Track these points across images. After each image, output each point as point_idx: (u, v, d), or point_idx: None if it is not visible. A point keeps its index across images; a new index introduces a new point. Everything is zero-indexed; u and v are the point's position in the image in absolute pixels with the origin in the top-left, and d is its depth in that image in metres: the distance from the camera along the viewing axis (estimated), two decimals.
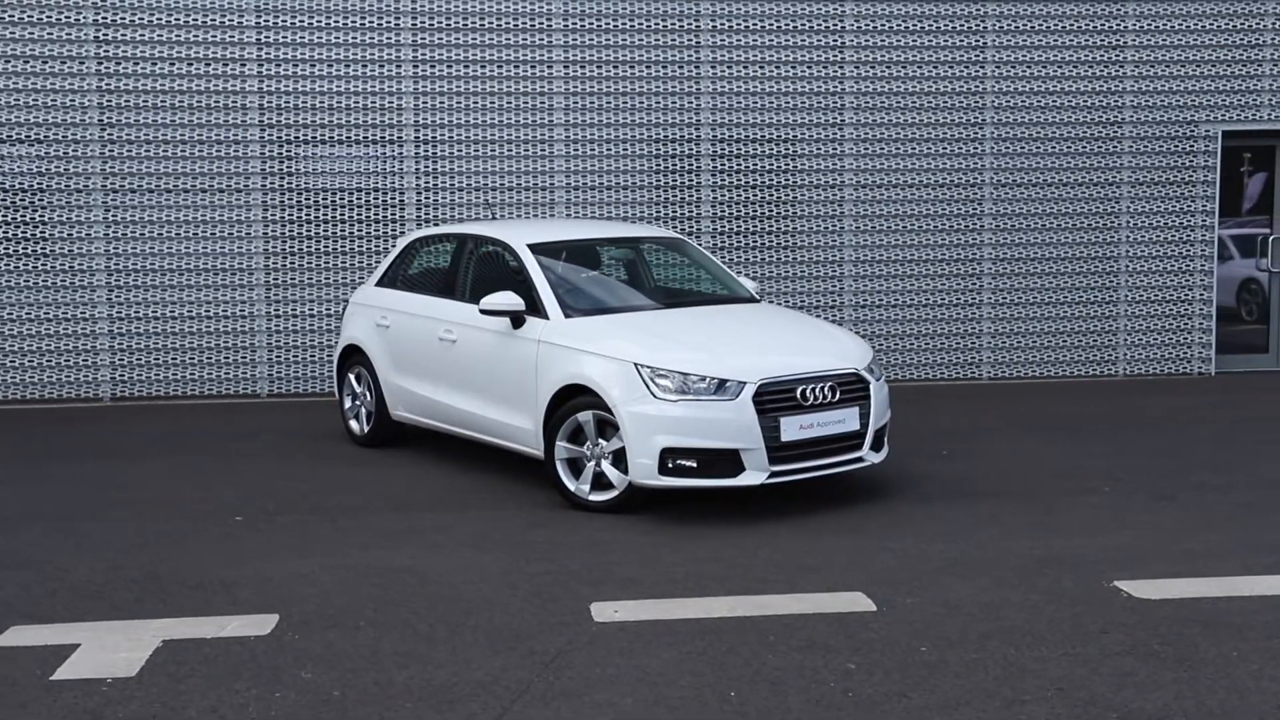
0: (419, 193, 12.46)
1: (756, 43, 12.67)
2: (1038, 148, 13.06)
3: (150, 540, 7.39)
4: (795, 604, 6.19)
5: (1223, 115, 13.17)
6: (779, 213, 12.87)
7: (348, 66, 12.27)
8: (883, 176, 12.93)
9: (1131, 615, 5.98)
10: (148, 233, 12.19)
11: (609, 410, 7.78)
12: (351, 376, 10.11)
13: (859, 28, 12.73)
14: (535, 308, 8.48)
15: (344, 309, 10.53)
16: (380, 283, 10.05)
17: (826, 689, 5.15)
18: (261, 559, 7.00)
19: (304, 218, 12.35)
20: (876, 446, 8.21)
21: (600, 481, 7.96)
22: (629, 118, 12.61)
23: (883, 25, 12.75)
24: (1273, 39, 13.13)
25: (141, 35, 12.01)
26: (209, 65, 12.10)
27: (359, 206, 12.41)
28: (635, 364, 7.72)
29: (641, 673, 5.33)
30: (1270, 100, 13.18)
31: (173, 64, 12.06)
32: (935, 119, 12.91)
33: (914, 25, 12.79)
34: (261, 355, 12.41)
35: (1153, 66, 13.06)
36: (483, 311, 8.49)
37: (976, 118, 12.94)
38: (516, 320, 8.47)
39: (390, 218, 12.45)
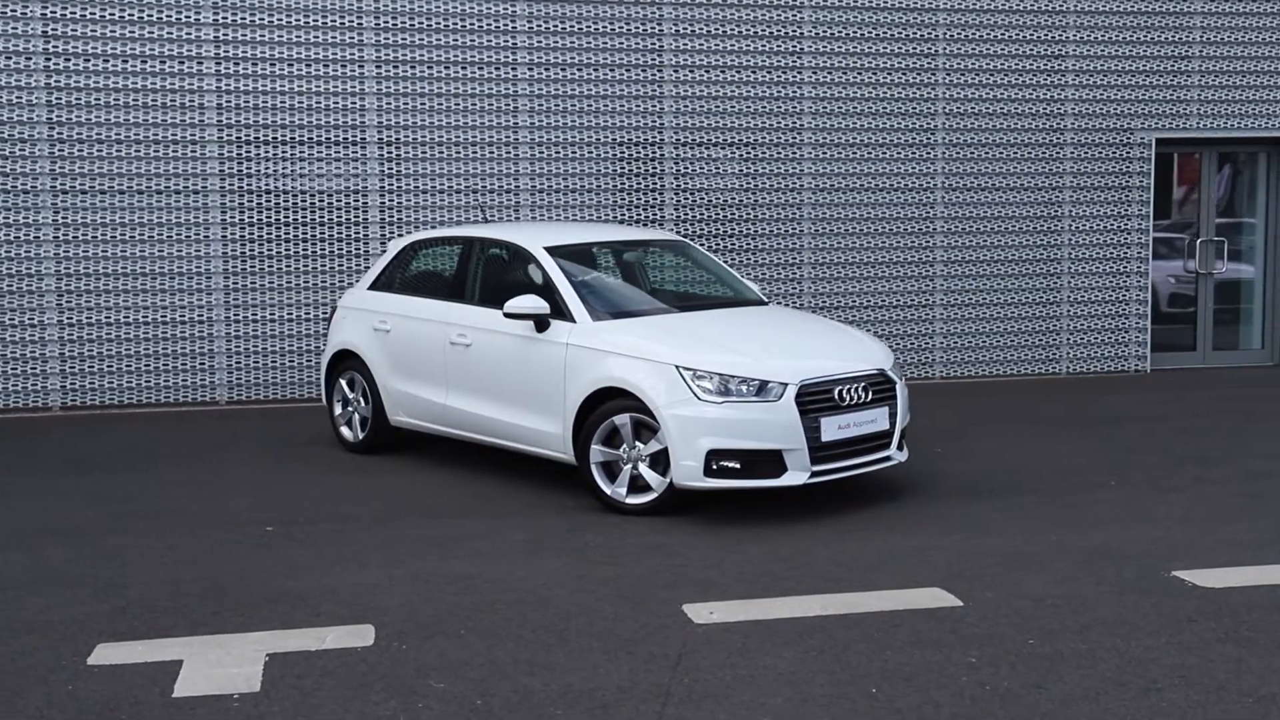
0: (382, 195, 12.25)
1: (718, 47, 12.77)
2: (986, 154, 13.42)
3: (191, 554, 7.15)
4: (882, 601, 6.29)
5: (1155, 124, 13.72)
6: (740, 215, 12.99)
7: (308, 66, 12.00)
8: (839, 180, 13.14)
9: (1208, 604, 6.21)
10: (100, 235, 11.75)
11: (647, 413, 7.78)
12: (343, 382, 9.88)
13: (816, 34, 12.93)
14: (559, 311, 8.42)
15: (331, 313, 10.28)
16: (374, 286, 9.84)
17: (961, 683, 5.25)
18: (320, 570, 6.83)
19: (264, 220, 12.04)
20: (899, 446, 8.37)
21: (636, 484, 7.95)
22: (593, 120, 12.60)
23: (839, 32, 12.96)
24: (1200, 50, 13.71)
25: (92, 31, 11.59)
26: (164, 63, 11.73)
27: (320, 209, 12.15)
28: (677, 366, 7.73)
29: (774, 673, 5.36)
30: (1199, 110, 13.76)
31: (125, 61, 11.66)
32: (889, 125, 13.17)
33: (869, 33, 13.03)
34: (220, 361, 12.06)
35: (1091, 76, 13.53)
36: (507, 315, 8.39)
37: (929, 124, 13.24)
38: (540, 324, 8.40)
39: (353, 220, 12.22)
